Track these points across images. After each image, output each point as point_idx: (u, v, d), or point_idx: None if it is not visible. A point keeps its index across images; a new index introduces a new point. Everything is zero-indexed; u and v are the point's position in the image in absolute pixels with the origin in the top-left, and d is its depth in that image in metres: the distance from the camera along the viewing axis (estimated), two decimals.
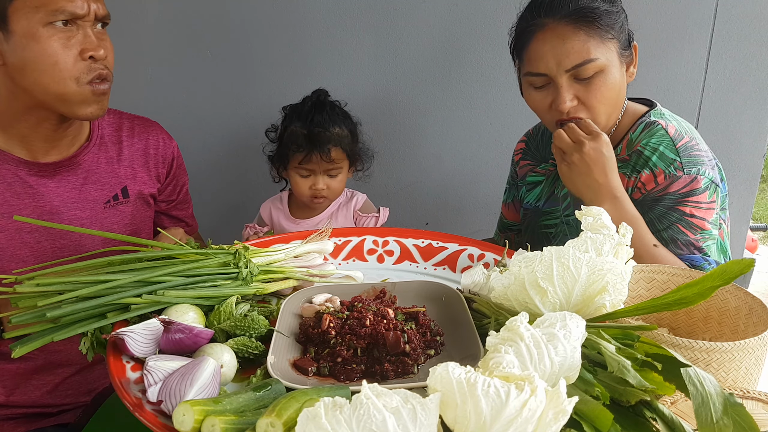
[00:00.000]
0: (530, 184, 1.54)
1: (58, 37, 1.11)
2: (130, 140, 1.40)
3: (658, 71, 1.87)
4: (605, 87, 1.21)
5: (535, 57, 1.23)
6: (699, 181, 1.21)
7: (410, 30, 1.93)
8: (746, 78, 1.86)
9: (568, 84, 1.21)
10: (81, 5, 1.12)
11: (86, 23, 1.14)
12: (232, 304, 0.90)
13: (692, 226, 1.22)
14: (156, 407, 0.69)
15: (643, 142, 1.27)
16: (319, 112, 1.60)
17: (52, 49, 1.11)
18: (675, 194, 1.22)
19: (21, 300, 0.84)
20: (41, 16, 1.09)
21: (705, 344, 0.83)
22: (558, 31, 1.20)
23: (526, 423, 0.54)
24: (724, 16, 1.82)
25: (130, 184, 1.38)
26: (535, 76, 1.24)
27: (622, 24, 1.25)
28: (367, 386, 0.54)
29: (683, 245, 1.21)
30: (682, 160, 1.22)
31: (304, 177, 1.62)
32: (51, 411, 1.31)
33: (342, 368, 0.80)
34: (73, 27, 1.13)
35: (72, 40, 1.13)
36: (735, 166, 1.92)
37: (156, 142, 1.44)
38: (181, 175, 1.52)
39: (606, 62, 1.20)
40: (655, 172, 1.24)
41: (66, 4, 1.10)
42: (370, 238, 1.24)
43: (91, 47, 1.14)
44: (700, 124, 1.92)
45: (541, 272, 0.78)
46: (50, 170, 1.25)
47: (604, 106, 1.23)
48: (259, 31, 1.97)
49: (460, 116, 2.02)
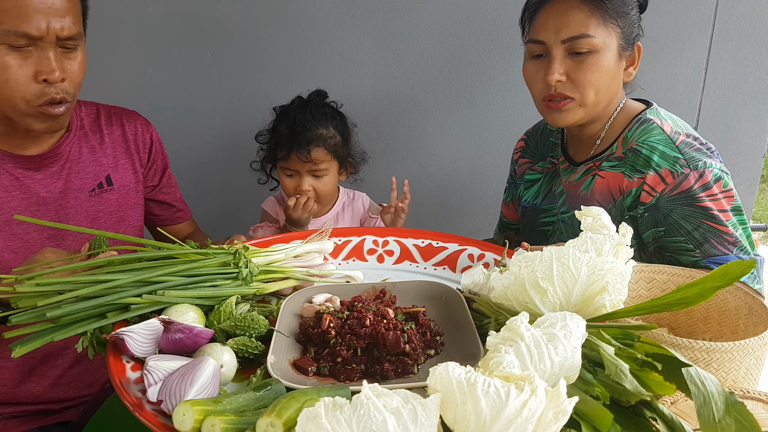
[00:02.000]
0: (528, 182, 1.55)
1: (13, 57, 1.08)
2: (109, 128, 1.40)
3: (658, 71, 1.87)
4: (596, 68, 1.23)
5: (539, 25, 1.27)
6: (708, 175, 1.20)
7: (410, 30, 1.93)
8: (746, 78, 1.87)
9: (562, 57, 1.24)
10: (37, 26, 1.06)
11: (47, 45, 1.10)
12: (232, 304, 0.90)
13: (717, 220, 1.20)
14: (156, 407, 0.69)
15: (639, 139, 1.28)
16: (303, 112, 1.60)
17: (4, 68, 1.08)
18: (690, 192, 1.21)
19: (21, 300, 0.84)
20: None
21: (705, 344, 0.83)
22: (565, 5, 1.24)
23: (526, 423, 0.54)
24: (724, 16, 1.82)
25: (113, 172, 1.38)
26: (534, 43, 1.28)
27: (630, 18, 1.26)
28: (367, 386, 0.54)
29: (717, 244, 1.21)
30: (685, 157, 1.22)
31: (289, 177, 1.63)
32: (54, 408, 1.32)
33: (342, 368, 0.80)
34: (31, 47, 1.09)
35: (28, 61, 1.09)
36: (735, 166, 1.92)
37: (134, 128, 1.44)
38: (161, 159, 1.51)
39: (602, 44, 1.22)
40: (661, 172, 1.23)
41: (20, 24, 1.05)
42: (370, 238, 1.24)
43: (46, 70, 1.10)
44: (700, 124, 1.92)
45: (541, 272, 0.78)
46: (34, 162, 1.26)
47: (593, 89, 1.24)
48: (259, 31, 1.97)
49: (460, 116, 2.02)
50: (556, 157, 1.48)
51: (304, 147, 1.55)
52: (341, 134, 1.63)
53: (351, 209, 1.76)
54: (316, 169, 1.60)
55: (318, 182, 1.61)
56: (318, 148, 1.57)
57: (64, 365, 1.31)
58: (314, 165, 1.59)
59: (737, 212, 1.23)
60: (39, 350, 1.24)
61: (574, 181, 1.39)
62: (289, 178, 1.63)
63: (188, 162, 2.05)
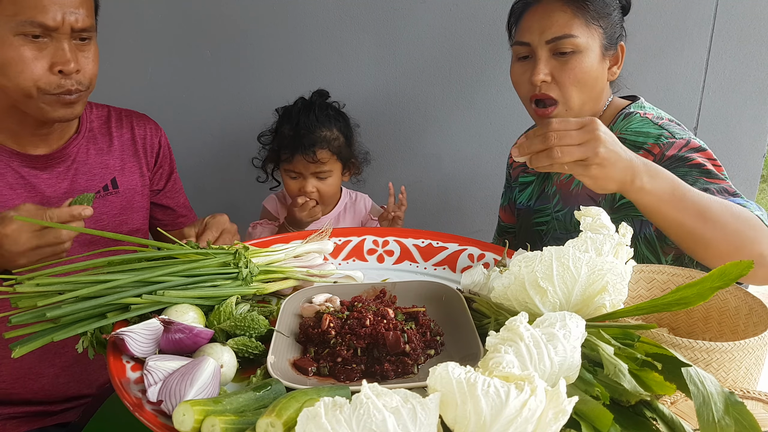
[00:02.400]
0: (522, 184, 1.57)
1: (29, 48, 1.09)
2: (119, 131, 1.41)
3: (658, 71, 1.87)
4: (580, 69, 1.25)
5: (524, 28, 1.30)
6: (694, 142, 1.20)
7: (410, 30, 1.93)
8: (746, 78, 1.86)
9: (546, 58, 1.26)
10: (53, 17, 1.09)
11: (62, 36, 1.11)
12: (232, 304, 0.90)
13: (713, 175, 1.15)
14: (156, 407, 0.69)
15: (623, 128, 1.29)
16: (306, 113, 1.60)
17: (20, 58, 1.09)
18: (679, 154, 1.19)
19: (21, 300, 0.84)
20: (13, 25, 1.08)
21: (705, 344, 0.83)
22: (549, 7, 1.27)
23: (526, 423, 0.54)
24: (724, 16, 1.82)
25: (119, 175, 1.39)
26: (520, 45, 1.31)
27: (613, 18, 1.29)
28: (367, 386, 0.54)
29: (717, 193, 1.13)
30: (669, 131, 1.24)
31: (293, 179, 1.63)
32: (53, 409, 1.32)
33: (342, 368, 0.80)
34: (46, 39, 1.11)
35: (43, 52, 1.11)
36: (735, 166, 1.92)
37: (143, 132, 1.44)
38: (168, 163, 1.52)
39: (585, 44, 1.25)
40: (648, 147, 1.24)
41: (36, 15, 1.07)
42: (370, 238, 1.24)
43: (61, 61, 1.11)
44: (700, 124, 1.92)
45: (541, 272, 0.78)
46: (41, 162, 1.26)
47: (577, 89, 1.26)
48: (259, 31, 1.97)
49: (460, 116, 2.02)
50: None
51: (308, 149, 1.56)
52: (345, 135, 1.64)
53: (353, 210, 1.76)
54: (320, 171, 1.60)
55: (322, 184, 1.62)
56: (322, 149, 1.57)
57: (62, 364, 1.31)
58: (318, 167, 1.59)
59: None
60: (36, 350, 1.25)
61: (565, 179, 1.42)
62: (292, 180, 1.63)
63: (188, 162, 2.04)
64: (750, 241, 0.99)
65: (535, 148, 0.93)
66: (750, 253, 0.97)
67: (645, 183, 0.95)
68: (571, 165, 0.93)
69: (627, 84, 1.42)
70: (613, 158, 0.93)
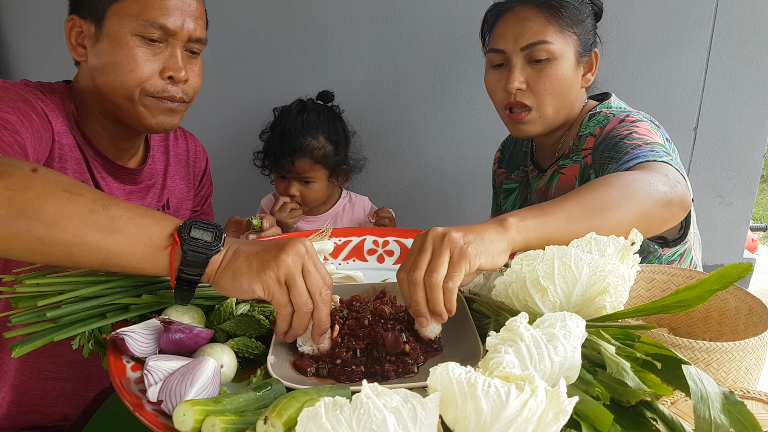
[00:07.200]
0: (506, 191, 1.59)
1: (143, 50, 1.10)
2: (175, 149, 1.41)
3: (658, 71, 1.87)
4: (555, 76, 1.25)
5: (498, 35, 1.29)
6: (633, 115, 1.21)
7: (410, 30, 1.94)
8: (746, 78, 1.87)
9: (522, 65, 1.26)
10: (174, 22, 1.10)
11: (177, 42, 1.13)
12: (232, 304, 0.90)
13: (635, 137, 1.11)
14: (156, 407, 0.69)
15: (584, 126, 1.31)
16: (294, 121, 1.61)
17: (134, 58, 1.10)
18: (612, 130, 1.19)
19: (21, 300, 0.84)
20: (135, 25, 1.08)
21: (705, 344, 0.83)
22: (523, 14, 1.26)
23: (527, 423, 0.54)
24: (724, 16, 1.82)
25: (172, 196, 1.39)
26: (494, 52, 1.30)
27: (586, 25, 1.29)
28: (367, 386, 0.54)
29: (630, 149, 1.09)
30: (613, 111, 1.26)
31: (281, 179, 1.66)
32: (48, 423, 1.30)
33: (342, 370, 0.80)
34: (162, 44, 1.12)
35: (157, 57, 1.12)
36: (735, 166, 1.92)
37: (194, 152, 1.45)
38: (208, 187, 1.53)
39: (560, 51, 1.25)
40: (594, 132, 1.26)
41: (159, 16, 1.09)
42: (370, 238, 1.24)
43: (173, 68, 1.13)
44: (700, 124, 1.92)
45: (543, 270, 0.78)
46: (119, 173, 1.25)
47: (552, 97, 1.26)
48: (259, 31, 1.97)
49: (460, 116, 2.02)
50: (527, 166, 1.52)
51: (287, 158, 1.59)
52: (333, 143, 1.64)
53: (351, 212, 1.77)
54: (304, 177, 1.62)
55: (306, 188, 1.65)
56: (303, 158, 1.60)
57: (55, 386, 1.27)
58: (301, 173, 1.60)
59: (667, 151, 1.10)
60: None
61: (543, 186, 1.43)
62: (280, 180, 1.66)
63: None
64: (645, 197, 0.91)
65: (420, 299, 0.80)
66: (656, 204, 0.92)
67: (518, 227, 0.84)
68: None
69: (627, 84, 1.42)
70: (471, 232, 0.80)
